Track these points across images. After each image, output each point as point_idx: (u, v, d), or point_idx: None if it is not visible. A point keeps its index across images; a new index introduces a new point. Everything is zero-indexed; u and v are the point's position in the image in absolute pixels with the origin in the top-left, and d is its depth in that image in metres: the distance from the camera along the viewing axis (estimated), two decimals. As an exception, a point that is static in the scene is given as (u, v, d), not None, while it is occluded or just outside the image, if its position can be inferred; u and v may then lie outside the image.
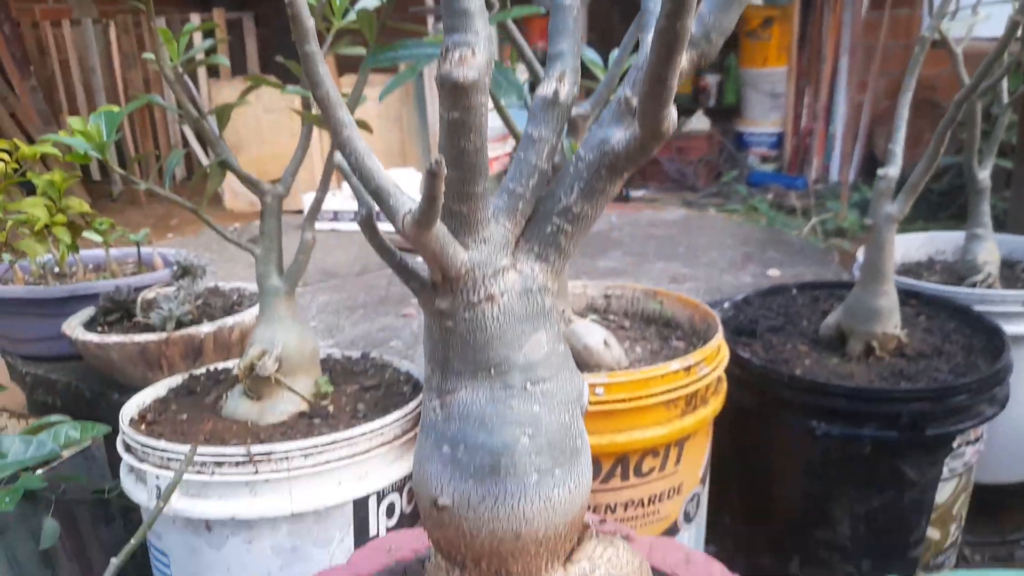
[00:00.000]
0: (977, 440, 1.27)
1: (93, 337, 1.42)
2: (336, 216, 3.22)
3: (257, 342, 1.13)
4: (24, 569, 1.23)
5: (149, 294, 1.54)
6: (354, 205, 3.23)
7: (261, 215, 1.15)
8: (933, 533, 1.31)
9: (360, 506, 1.05)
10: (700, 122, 5.37)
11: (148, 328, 1.46)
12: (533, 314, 0.54)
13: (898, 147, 1.27)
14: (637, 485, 1.06)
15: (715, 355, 1.10)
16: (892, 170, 1.27)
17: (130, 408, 1.16)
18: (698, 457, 1.13)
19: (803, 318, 1.45)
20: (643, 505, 1.08)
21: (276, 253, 1.14)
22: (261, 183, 1.14)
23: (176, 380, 1.28)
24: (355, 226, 3.66)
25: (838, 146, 4.87)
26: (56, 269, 1.87)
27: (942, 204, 4.21)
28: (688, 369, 1.03)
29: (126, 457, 1.06)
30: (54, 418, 1.12)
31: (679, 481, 1.10)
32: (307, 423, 1.11)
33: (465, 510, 0.53)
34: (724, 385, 1.16)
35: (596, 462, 1.04)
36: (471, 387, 0.54)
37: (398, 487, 1.10)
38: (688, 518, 1.17)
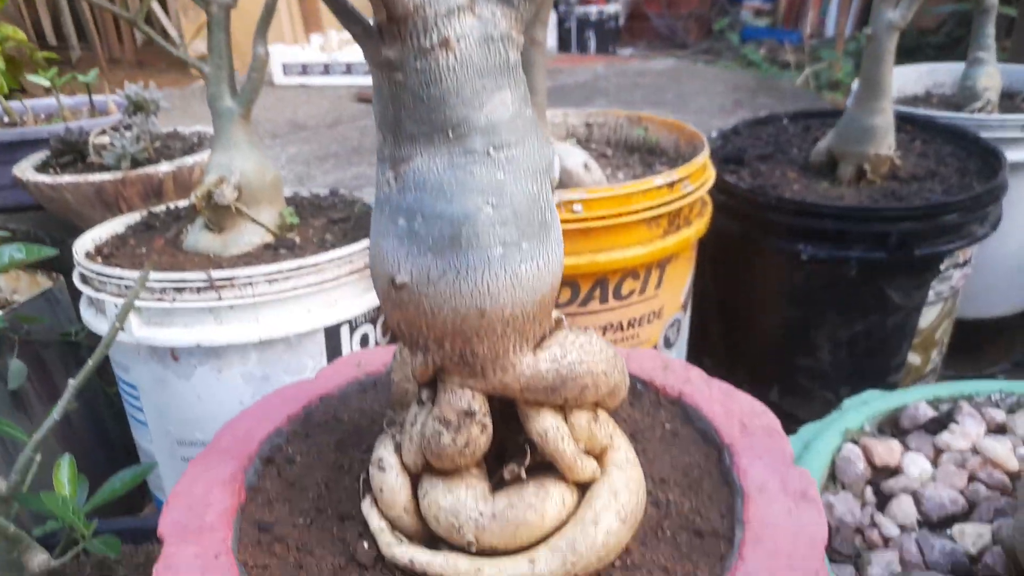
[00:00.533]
0: (965, 263, 1.24)
1: (45, 178, 1.34)
2: (305, 70, 3.06)
3: (214, 168, 1.06)
4: (-5, 411, 1.21)
5: (103, 136, 1.44)
6: (324, 59, 3.05)
7: (208, 28, 1.05)
8: (914, 359, 1.31)
9: (332, 335, 1.01)
10: (691, -30, 5.09)
11: (104, 169, 1.38)
12: (495, 68, 0.47)
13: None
14: (616, 308, 1.03)
15: (700, 173, 1.04)
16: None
17: (85, 242, 1.10)
18: (680, 281, 1.10)
19: (793, 147, 1.39)
20: (622, 329, 1.06)
21: (227, 71, 1.04)
22: (204, -11, 1.03)
23: (134, 217, 1.22)
24: (326, 79, 3.49)
25: (835, -3, 4.64)
26: (5, 119, 1.76)
27: (939, 58, 4.06)
28: (671, 185, 0.98)
29: (84, 289, 1.01)
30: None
31: (660, 305, 1.07)
32: (272, 254, 1.06)
33: (425, 286, 0.48)
34: (709, 208, 1.12)
35: (574, 284, 1.00)
36: (427, 153, 0.48)
37: (371, 318, 1.07)
38: (668, 344, 1.15)
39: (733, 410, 0.70)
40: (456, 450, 0.53)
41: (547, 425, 0.55)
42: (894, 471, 0.83)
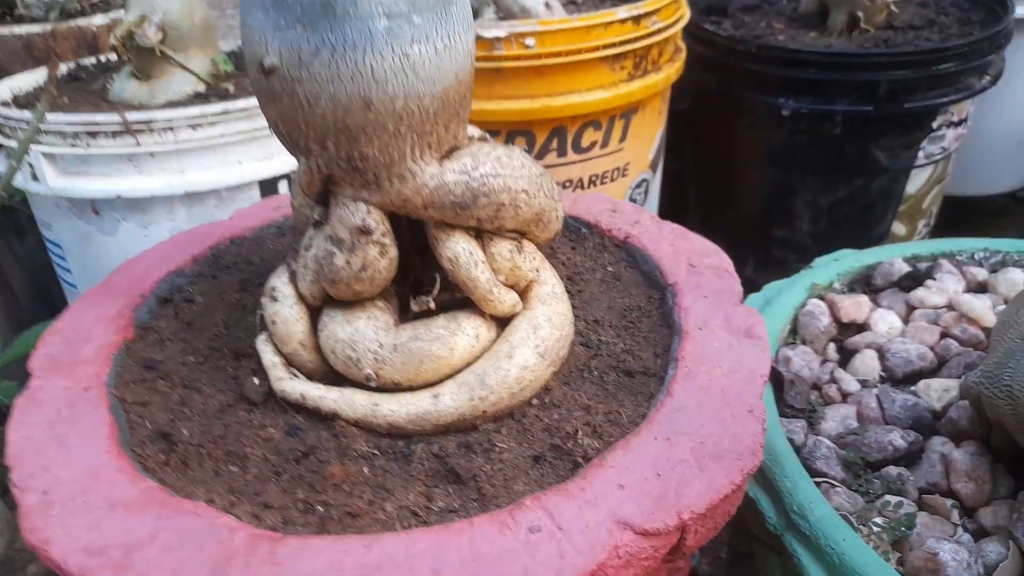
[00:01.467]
0: (961, 123, 1.15)
1: (-34, 30, 1.23)
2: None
3: (134, 6, 0.96)
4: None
5: (30, -16, 1.32)
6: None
7: None
8: (899, 228, 1.24)
9: (268, 189, 0.94)
10: None
11: (33, 22, 1.27)
12: None
13: None
14: (576, 162, 0.95)
15: (672, 9, 0.94)
16: None
17: (2, 90, 1.01)
18: (647, 135, 1.01)
19: (783, -1, 1.27)
20: (583, 187, 0.98)
21: None
22: None
23: (60, 68, 1.12)
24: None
25: None
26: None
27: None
28: (637, 20, 0.88)
29: (-3, 139, 0.93)
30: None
31: (625, 161, 0.99)
32: (203, 102, 0.97)
33: (297, 68, 0.41)
34: (683, 55, 1.02)
35: (529, 132, 0.92)
36: None
37: (315, 174, 0.99)
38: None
39: (681, 250, 0.63)
40: (351, 273, 0.47)
41: (458, 250, 0.49)
42: (861, 327, 0.77)
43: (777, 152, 1.13)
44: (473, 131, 0.53)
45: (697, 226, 1.32)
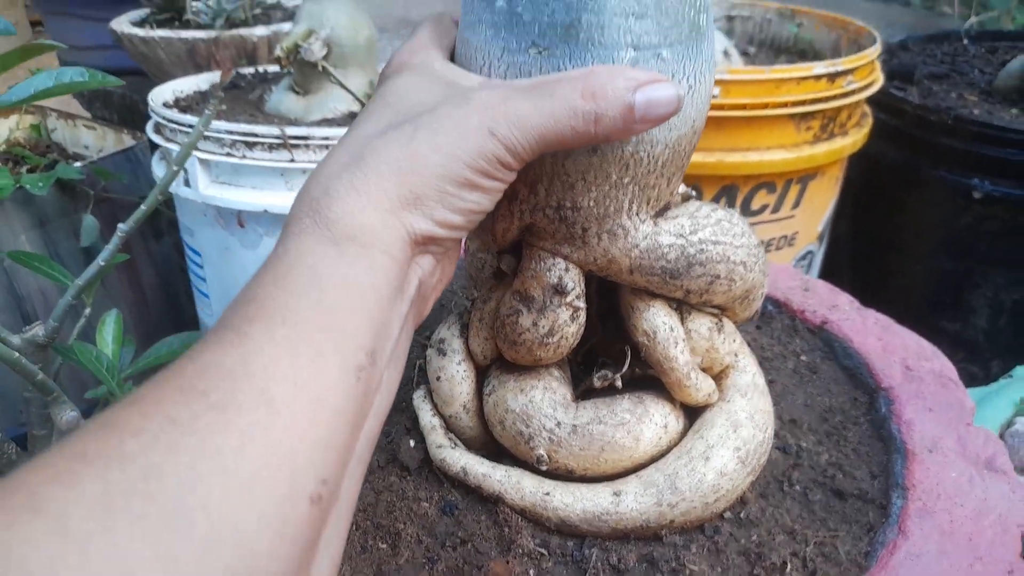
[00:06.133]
0: None
1: (139, 31, 1.27)
2: (424, -32, 2.91)
3: (303, 19, 0.95)
4: (67, 267, 1.17)
5: (201, -7, 1.36)
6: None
7: None
8: (1089, 336, 1.09)
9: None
10: None
11: (199, 28, 1.31)
12: None
13: None
14: (743, 225, 0.87)
15: (868, 71, 0.85)
16: None
17: (164, 92, 1.02)
18: (822, 204, 0.92)
19: (974, 68, 1.16)
20: (746, 252, 0.89)
21: (327, -93, 0.92)
22: None
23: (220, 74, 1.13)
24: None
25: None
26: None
27: None
28: (832, 78, 0.80)
29: (156, 139, 0.94)
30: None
31: (794, 229, 0.90)
32: (357, 122, 0.95)
33: (519, 100, 0.35)
34: (870, 121, 0.93)
35: (695, 187, 0.85)
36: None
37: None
38: (795, 280, 0.99)
39: (894, 348, 0.54)
40: (536, 338, 0.41)
41: (658, 323, 0.42)
42: (1080, 458, 0.66)
43: (959, 237, 1.01)
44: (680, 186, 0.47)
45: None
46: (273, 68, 1.17)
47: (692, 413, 0.45)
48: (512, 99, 0.32)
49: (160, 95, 1.00)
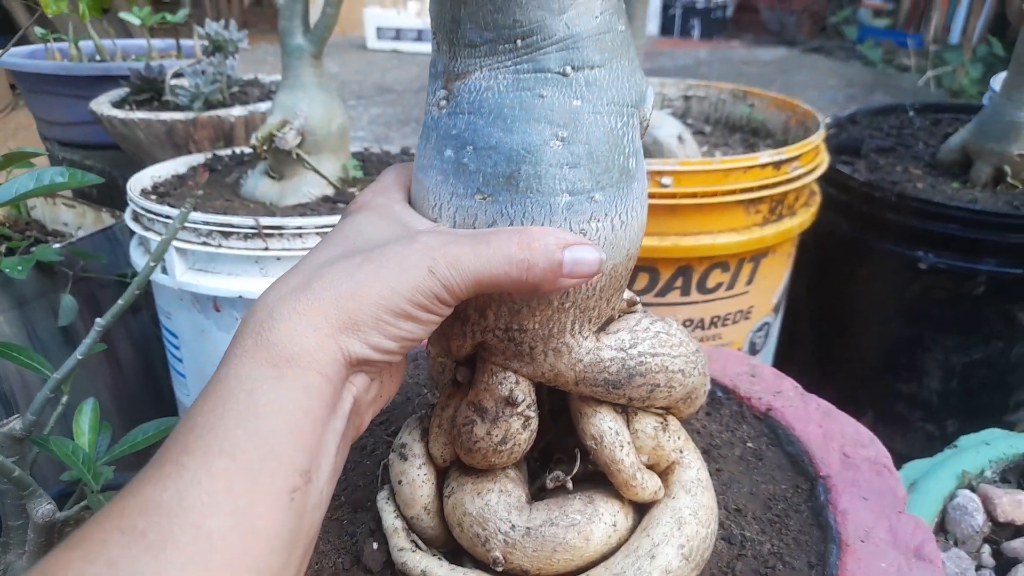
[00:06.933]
0: (1116, 292, 1.06)
1: (118, 113, 1.31)
2: (399, 35, 3.00)
3: (278, 109, 0.99)
4: (46, 347, 1.19)
5: (180, 75, 1.41)
6: (419, 24, 2.98)
7: (284, -42, 0.97)
8: (1039, 396, 1.14)
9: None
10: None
11: (178, 109, 1.35)
12: (582, -35, 0.37)
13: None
14: (699, 303, 0.91)
15: (812, 156, 0.91)
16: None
17: (142, 179, 1.05)
18: (774, 279, 0.96)
19: (919, 141, 1.23)
20: (703, 327, 0.94)
21: (301, 4, 0.97)
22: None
23: (197, 158, 1.17)
24: (418, 46, 3.42)
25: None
26: (97, 57, 1.76)
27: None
28: (778, 165, 0.85)
29: (134, 227, 0.96)
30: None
31: (749, 304, 0.95)
32: (330, 207, 0.99)
33: (467, 239, 0.39)
34: (817, 200, 0.98)
35: (653, 269, 0.89)
36: (488, 67, 0.38)
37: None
38: (754, 350, 1.03)
39: (833, 434, 0.58)
40: (490, 446, 0.44)
41: (604, 428, 0.45)
42: (1020, 529, 0.69)
43: (909, 305, 1.06)
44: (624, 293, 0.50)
45: (810, 368, 1.23)
46: (250, 150, 1.21)
47: (642, 506, 0.47)
48: (453, 243, 0.35)
49: (138, 182, 1.03)
